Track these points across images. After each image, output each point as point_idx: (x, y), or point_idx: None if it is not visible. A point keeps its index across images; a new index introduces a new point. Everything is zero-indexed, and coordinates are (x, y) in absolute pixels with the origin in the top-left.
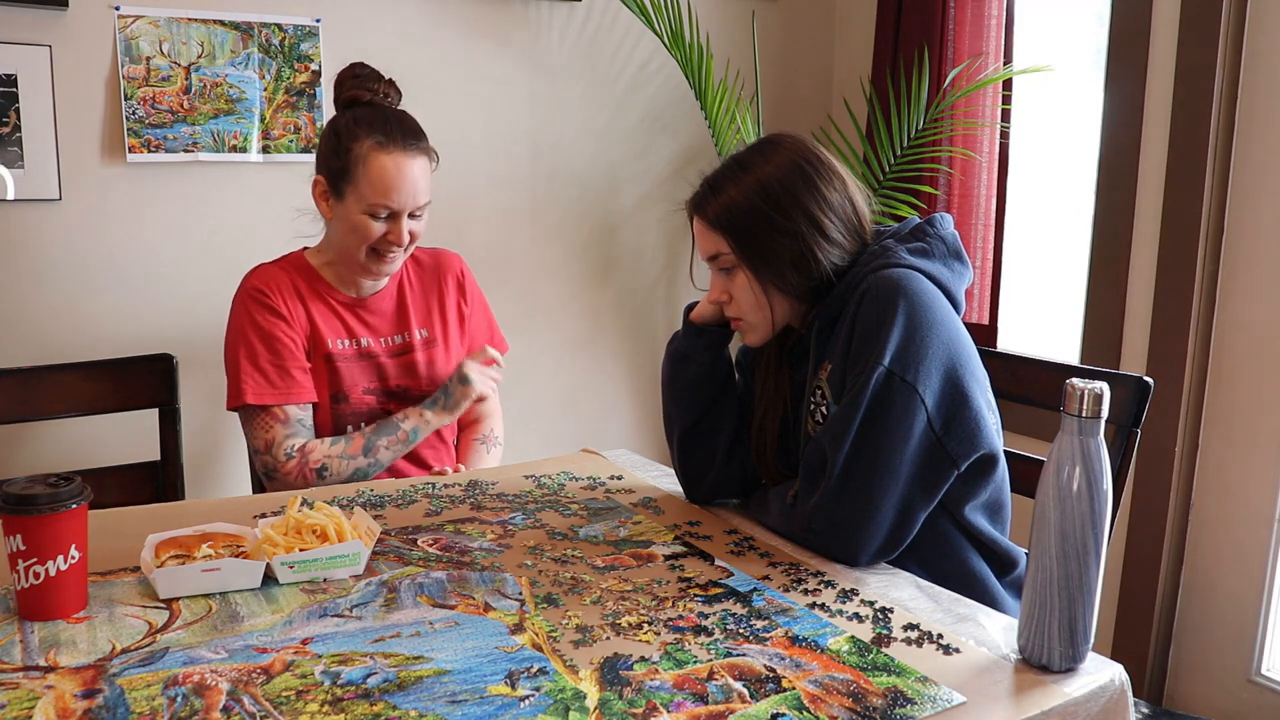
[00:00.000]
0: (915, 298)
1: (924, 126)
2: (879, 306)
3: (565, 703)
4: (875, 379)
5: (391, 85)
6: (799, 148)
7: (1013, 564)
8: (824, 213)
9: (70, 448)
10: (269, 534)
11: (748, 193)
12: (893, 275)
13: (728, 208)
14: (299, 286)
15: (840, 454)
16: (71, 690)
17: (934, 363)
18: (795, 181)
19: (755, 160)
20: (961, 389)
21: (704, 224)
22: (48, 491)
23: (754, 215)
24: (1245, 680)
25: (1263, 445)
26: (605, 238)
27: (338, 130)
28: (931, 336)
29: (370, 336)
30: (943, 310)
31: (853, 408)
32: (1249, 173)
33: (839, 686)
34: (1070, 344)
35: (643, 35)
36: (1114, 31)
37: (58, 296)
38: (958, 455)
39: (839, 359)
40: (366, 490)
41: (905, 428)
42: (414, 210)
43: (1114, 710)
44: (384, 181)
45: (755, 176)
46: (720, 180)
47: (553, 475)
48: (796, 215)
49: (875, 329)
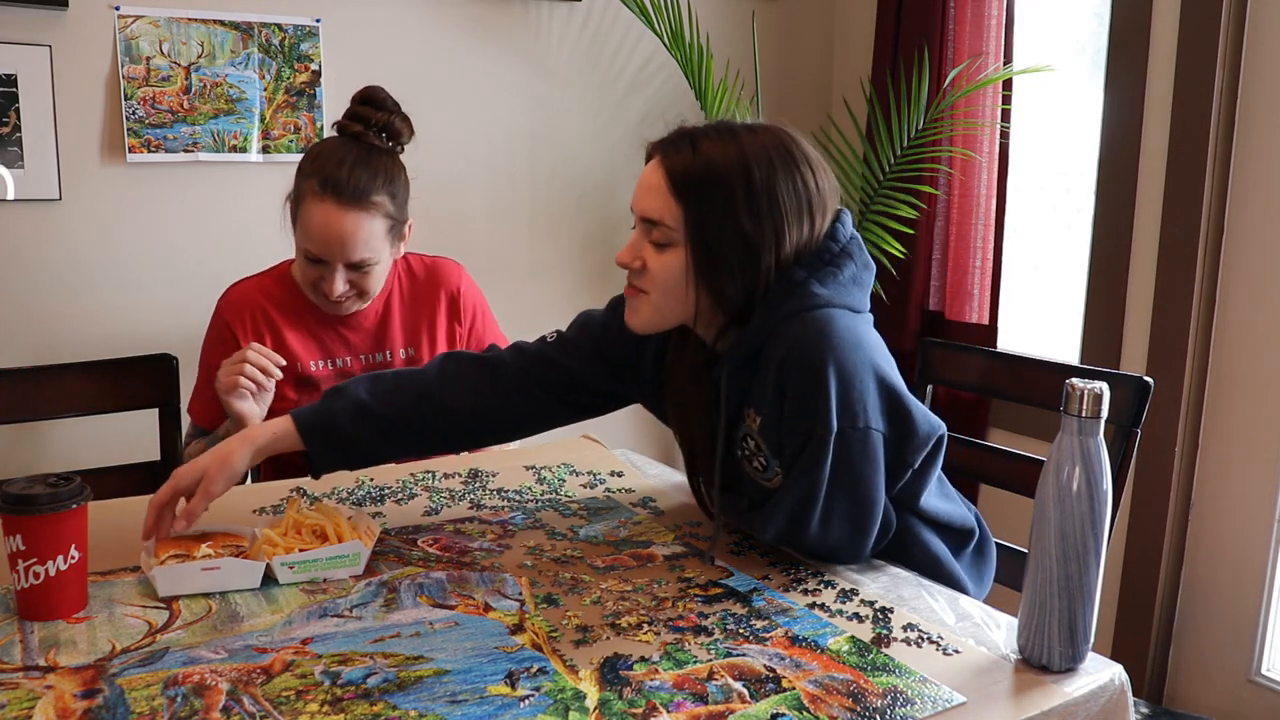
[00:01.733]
0: (839, 349)
1: (924, 126)
2: (808, 374)
3: (565, 703)
4: (830, 443)
5: (391, 123)
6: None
7: (969, 533)
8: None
9: (70, 448)
10: (268, 534)
11: (729, 172)
12: (812, 329)
13: (703, 173)
14: (273, 308)
15: (815, 511)
16: (71, 690)
17: (872, 396)
18: (778, 172)
19: (743, 132)
20: (901, 402)
21: (664, 180)
22: (48, 491)
23: (724, 200)
24: (1245, 680)
25: (1263, 445)
26: (605, 238)
27: (306, 153)
28: (865, 376)
29: (348, 356)
30: (862, 341)
31: (814, 474)
32: (1249, 173)
33: (839, 686)
34: (1070, 344)
35: (643, 35)
36: (1114, 31)
37: (58, 296)
38: (914, 459)
39: (769, 417)
40: (366, 481)
41: (872, 462)
42: (350, 263)
43: (1114, 710)
44: (311, 228)
45: (743, 153)
46: (704, 143)
47: (553, 469)
48: (764, 221)
49: (811, 398)
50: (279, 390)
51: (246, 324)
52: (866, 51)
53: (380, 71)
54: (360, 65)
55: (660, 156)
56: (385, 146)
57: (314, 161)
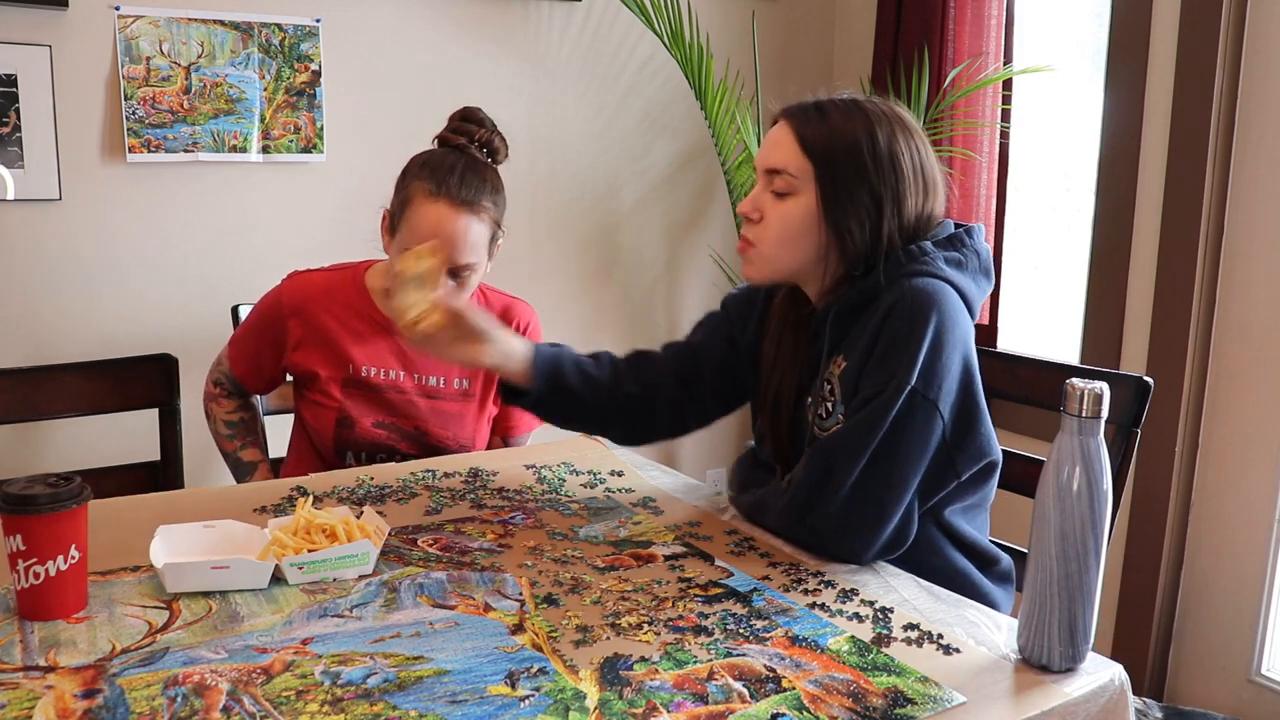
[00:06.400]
0: (946, 315)
1: (924, 126)
2: (911, 320)
3: (565, 703)
4: (902, 396)
5: (491, 140)
6: (904, 111)
7: (993, 560)
8: (910, 193)
9: (70, 448)
10: (278, 535)
11: (856, 131)
12: (928, 288)
13: (830, 134)
14: (336, 304)
15: (855, 466)
16: (71, 690)
17: (954, 380)
18: (898, 136)
19: (869, 106)
20: (975, 404)
21: (792, 137)
22: (48, 491)
23: (851, 155)
24: (1245, 680)
25: (1263, 445)
26: (605, 238)
27: (406, 167)
28: (955, 355)
29: (401, 370)
30: (966, 328)
31: (873, 423)
32: (1249, 173)
33: (839, 686)
34: (1070, 344)
35: (643, 35)
36: (1114, 31)
37: (58, 296)
38: (963, 468)
39: (856, 359)
40: (366, 481)
41: (924, 442)
42: (456, 265)
43: (1114, 710)
44: (421, 230)
45: (868, 119)
46: (830, 107)
47: (554, 468)
48: (887, 180)
49: (904, 342)
50: (323, 387)
51: (308, 312)
52: (866, 51)
53: (380, 71)
54: (360, 65)
55: (788, 119)
56: (485, 161)
57: (424, 166)
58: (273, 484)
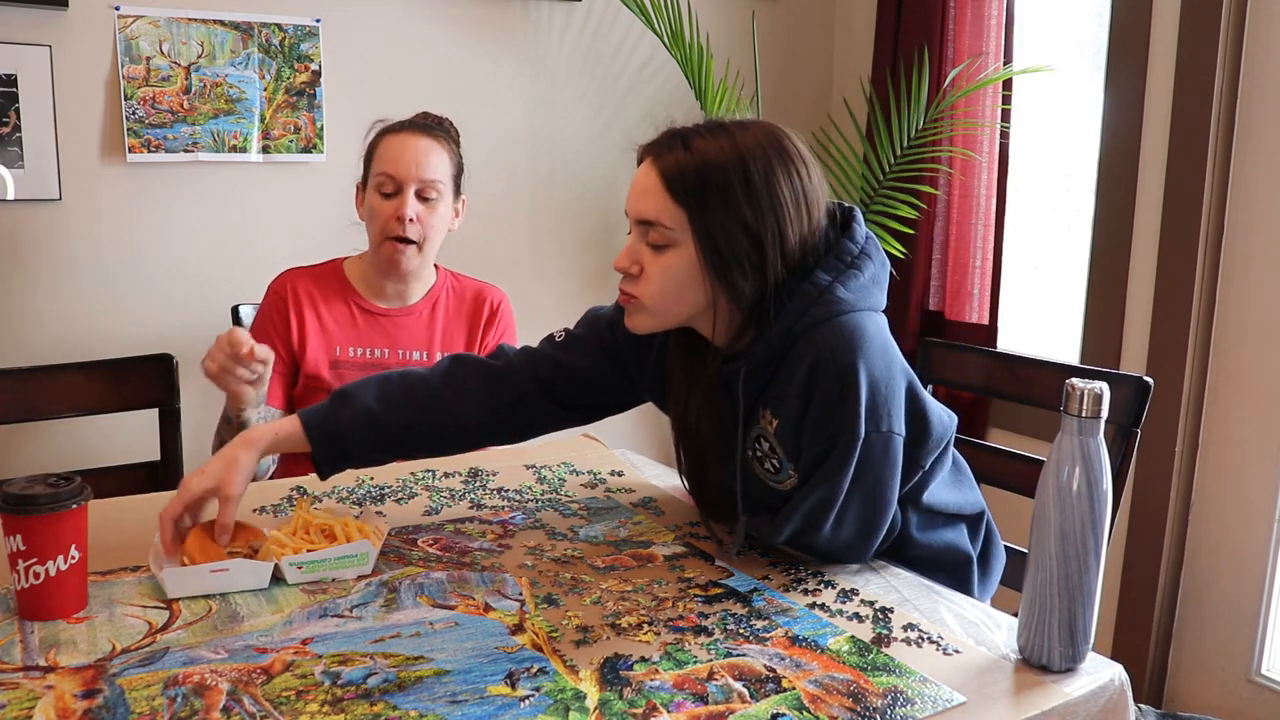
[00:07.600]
0: (871, 354)
1: (924, 126)
2: (840, 378)
3: (565, 703)
4: (858, 445)
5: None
6: (780, 132)
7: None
8: (792, 224)
9: (70, 448)
10: (276, 535)
11: (727, 170)
12: (843, 335)
13: (699, 176)
14: (318, 290)
15: (831, 512)
16: (71, 690)
17: (899, 398)
18: (774, 166)
19: (734, 128)
20: (921, 404)
21: (659, 183)
22: (48, 491)
23: (724, 199)
24: (1245, 680)
25: (1263, 445)
26: (605, 238)
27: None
28: (894, 382)
29: (386, 348)
30: (889, 349)
31: (837, 478)
32: (1249, 173)
33: (839, 686)
34: (1070, 344)
35: (643, 35)
36: (1114, 31)
37: (58, 296)
38: (926, 460)
39: (788, 418)
40: (366, 480)
41: (892, 464)
42: (420, 188)
43: (1114, 710)
44: (387, 155)
45: (738, 152)
46: (697, 144)
47: (553, 468)
48: (766, 220)
49: (840, 402)
50: (313, 369)
51: (297, 299)
52: (866, 51)
53: (380, 71)
54: (360, 65)
55: (652, 158)
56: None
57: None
58: (273, 484)
